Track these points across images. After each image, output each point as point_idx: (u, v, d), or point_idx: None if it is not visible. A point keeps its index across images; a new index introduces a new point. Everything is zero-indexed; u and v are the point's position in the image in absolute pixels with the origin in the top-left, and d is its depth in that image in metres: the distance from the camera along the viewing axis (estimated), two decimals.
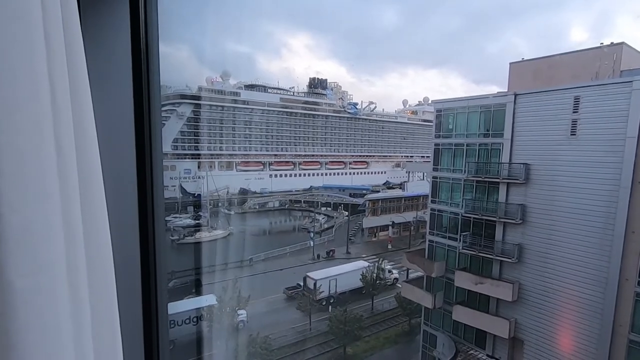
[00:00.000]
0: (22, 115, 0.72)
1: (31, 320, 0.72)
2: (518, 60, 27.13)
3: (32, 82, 0.74)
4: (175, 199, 60.77)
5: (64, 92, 0.84)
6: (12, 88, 0.70)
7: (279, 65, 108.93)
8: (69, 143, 0.86)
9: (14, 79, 0.71)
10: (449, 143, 25.35)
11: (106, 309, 1.04)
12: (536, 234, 20.77)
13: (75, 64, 0.90)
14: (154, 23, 1.47)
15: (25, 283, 0.72)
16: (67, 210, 0.83)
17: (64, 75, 0.85)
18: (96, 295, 0.97)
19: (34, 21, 0.73)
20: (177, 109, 69.11)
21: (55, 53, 0.80)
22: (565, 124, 19.32)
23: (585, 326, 18.86)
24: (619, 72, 21.39)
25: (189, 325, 24.29)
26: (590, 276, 18.59)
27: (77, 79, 0.91)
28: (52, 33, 0.78)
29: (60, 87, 0.82)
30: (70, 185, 0.85)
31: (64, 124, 0.84)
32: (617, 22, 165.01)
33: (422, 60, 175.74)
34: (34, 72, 0.74)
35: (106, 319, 1.04)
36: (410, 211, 53.81)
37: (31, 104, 0.74)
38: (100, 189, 1.02)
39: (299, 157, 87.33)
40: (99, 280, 0.99)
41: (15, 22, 0.70)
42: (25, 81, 0.73)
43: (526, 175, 20.90)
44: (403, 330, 31.12)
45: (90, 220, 0.95)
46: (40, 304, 0.75)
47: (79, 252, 0.88)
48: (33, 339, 0.73)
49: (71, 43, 0.88)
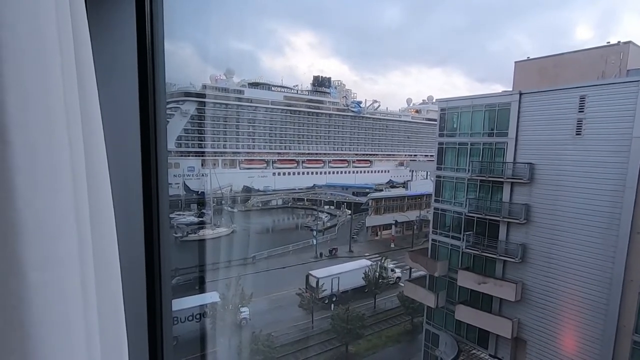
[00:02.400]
0: (34, 111, 0.73)
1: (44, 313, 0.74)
2: (523, 58, 26.94)
3: (43, 78, 0.75)
4: (179, 197, 61.00)
5: (72, 89, 0.85)
6: (25, 85, 0.71)
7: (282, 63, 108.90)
8: (77, 139, 0.87)
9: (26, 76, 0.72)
10: (453, 142, 25.25)
11: (112, 304, 1.05)
12: (540, 234, 20.67)
13: (83, 61, 0.91)
14: (159, 20, 1.47)
15: (39, 276, 0.73)
16: (77, 206, 0.84)
17: (72, 72, 0.86)
18: (102, 290, 0.98)
19: (44, 18, 0.74)
20: (181, 106, 69.31)
21: (64, 50, 0.81)
22: (571, 123, 19.18)
23: (588, 327, 18.76)
24: (625, 71, 21.18)
25: (192, 322, 24.43)
26: (594, 277, 18.49)
27: (85, 76, 0.92)
28: (60, 30, 0.79)
29: (68, 84, 0.83)
30: (78, 181, 0.86)
31: (73, 120, 0.85)
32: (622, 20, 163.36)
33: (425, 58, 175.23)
34: (44, 69, 0.75)
35: (112, 313, 1.05)
36: (413, 210, 53.76)
37: (42, 100, 0.75)
38: (107, 186, 1.03)
39: (302, 155, 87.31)
40: (105, 275, 1.01)
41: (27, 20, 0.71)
42: (36, 76, 0.74)
43: (530, 175, 20.79)
44: (405, 329, 31.12)
45: (97, 216, 0.96)
46: (53, 297, 0.76)
47: (86, 248, 0.89)
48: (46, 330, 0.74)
49: (79, 40, 0.89)
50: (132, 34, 1.40)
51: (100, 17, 1.28)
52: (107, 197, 1.04)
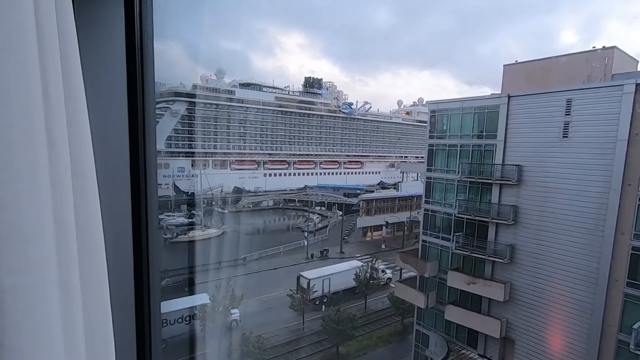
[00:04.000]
0: (13, 109, 0.71)
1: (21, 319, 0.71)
2: (511, 62, 27.36)
3: (24, 77, 0.73)
4: (169, 197, 60.42)
5: (58, 88, 0.84)
6: (4, 82, 0.69)
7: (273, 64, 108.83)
8: (62, 139, 0.85)
9: (6, 73, 0.70)
10: (443, 144, 25.49)
11: (98, 308, 1.03)
12: (528, 235, 20.98)
13: (69, 60, 0.90)
14: (148, 20, 1.46)
15: (15, 281, 0.71)
16: (59, 207, 0.82)
17: (57, 70, 0.84)
18: (88, 293, 0.96)
19: (27, 16, 0.73)
20: (171, 106, 68.69)
21: (49, 48, 0.79)
22: (558, 126, 19.53)
23: (575, 326, 19.11)
24: (610, 76, 21.66)
25: (181, 324, 24.17)
26: (580, 277, 18.84)
27: (71, 75, 0.91)
28: (45, 28, 0.77)
29: (53, 83, 0.81)
30: (62, 182, 0.84)
31: (57, 119, 0.83)
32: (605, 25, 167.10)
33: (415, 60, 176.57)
34: (26, 67, 0.74)
35: (98, 317, 1.03)
36: (404, 211, 54.07)
37: (23, 98, 0.73)
38: (94, 186, 1.01)
39: (293, 157, 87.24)
40: (91, 278, 0.98)
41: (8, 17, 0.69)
42: (17, 75, 0.72)
43: (518, 177, 21.10)
44: (396, 330, 31.26)
45: (82, 217, 0.94)
46: (31, 302, 0.74)
47: (71, 250, 0.87)
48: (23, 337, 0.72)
49: (65, 38, 0.87)
50: (120, 33, 1.38)
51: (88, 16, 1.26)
52: (94, 198, 1.02)
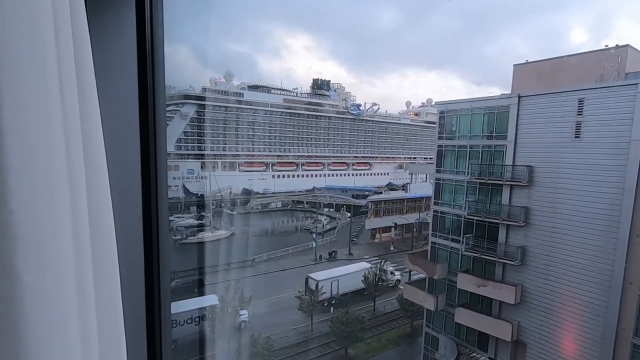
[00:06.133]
0: (31, 113, 0.73)
1: (39, 316, 0.74)
2: (520, 62, 27.04)
3: (41, 81, 0.75)
4: (178, 199, 60.96)
5: (72, 91, 0.85)
6: (22, 86, 0.71)
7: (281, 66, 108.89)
8: (76, 142, 0.86)
9: (24, 77, 0.72)
10: (452, 145, 25.28)
11: (110, 307, 1.05)
12: (539, 237, 20.66)
13: (83, 63, 0.91)
14: (159, 23, 1.48)
15: (34, 279, 0.73)
16: (75, 208, 0.84)
17: (72, 74, 0.86)
18: (101, 293, 0.98)
19: (43, 21, 0.74)
20: (181, 109, 69.37)
21: (63, 52, 0.81)
22: (570, 126, 19.23)
23: (588, 330, 18.73)
24: (623, 75, 21.26)
25: (191, 325, 24.34)
26: (593, 279, 18.47)
27: (84, 78, 0.92)
28: (60, 32, 0.79)
29: (68, 86, 0.83)
30: (77, 184, 0.86)
31: (72, 122, 0.85)
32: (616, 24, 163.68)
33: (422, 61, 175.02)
34: (43, 71, 0.75)
35: (110, 316, 1.05)
36: (412, 213, 53.68)
37: (40, 102, 0.75)
38: (106, 188, 1.03)
39: (301, 158, 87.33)
40: (103, 278, 1.00)
41: (25, 21, 0.71)
42: (34, 79, 0.74)
43: (529, 178, 20.80)
44: (405, 332, 31.02)
45: (96, 218, 0.96)
46: (48, 300, 0.76)
47: (85, 250, 0.89)
48: (40, 333, 0.74)
49: (78, 42, 0.89)
50: (132, 37, 1.40)
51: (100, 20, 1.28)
52: (106, 199, 1.03)
